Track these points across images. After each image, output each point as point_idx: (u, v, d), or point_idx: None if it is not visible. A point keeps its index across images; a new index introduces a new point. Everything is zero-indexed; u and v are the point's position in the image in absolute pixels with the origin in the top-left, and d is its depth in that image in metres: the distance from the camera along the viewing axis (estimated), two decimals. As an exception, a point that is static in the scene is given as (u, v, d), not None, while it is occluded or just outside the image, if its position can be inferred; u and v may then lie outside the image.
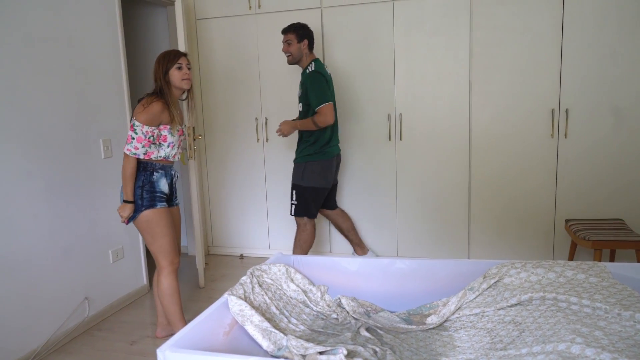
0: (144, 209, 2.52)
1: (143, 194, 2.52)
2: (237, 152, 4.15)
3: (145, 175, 2.53)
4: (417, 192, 3.79)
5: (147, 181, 2.53)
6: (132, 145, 2.45)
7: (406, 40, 3.63)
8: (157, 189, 2.56)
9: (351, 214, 3.96)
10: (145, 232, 2.57)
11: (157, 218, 2.55)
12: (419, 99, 3.67)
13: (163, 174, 2.59)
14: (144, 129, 2.44)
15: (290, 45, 3.24)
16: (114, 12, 3.24)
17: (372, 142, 3.81)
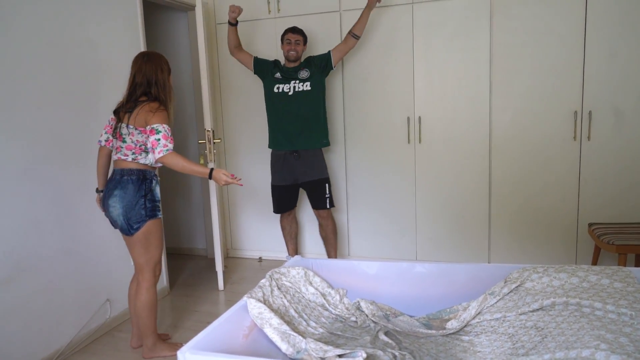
0: (148, 219, 2.44)
1: (146, 204, 2.43)
2: (255, 155, 4.17)
3: (146, 184, 2.45)
4: (436, 195, 3.76)
5: (149, 190, 2.46)
6: (162, 144, 2.33)
7: (426, 43, 3.62)
8: (157, 198, 2.49)
9: (369, 217, 3.95)
10: (140, 243, 2.46)
11: (156, 228, 2.49)
12: (439, 102, 3.65)
13: (157, 181, 2.54)
14: (165, 126, 2.37)
15: (299, 44, 3.46)
16: (135, 17, 3.29)
17: (391, 145, 3.79)
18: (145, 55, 2.51)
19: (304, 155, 3.50)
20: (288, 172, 3.55)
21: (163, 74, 2.48)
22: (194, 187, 4.49)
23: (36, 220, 2.59)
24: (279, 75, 3.48)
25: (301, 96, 3.44)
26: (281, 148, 3.53)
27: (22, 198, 2.52)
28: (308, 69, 3.46)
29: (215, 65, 4.18)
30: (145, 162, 2.45)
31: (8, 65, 2.44)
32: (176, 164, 2.37)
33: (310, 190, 3.58)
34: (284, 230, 3.78)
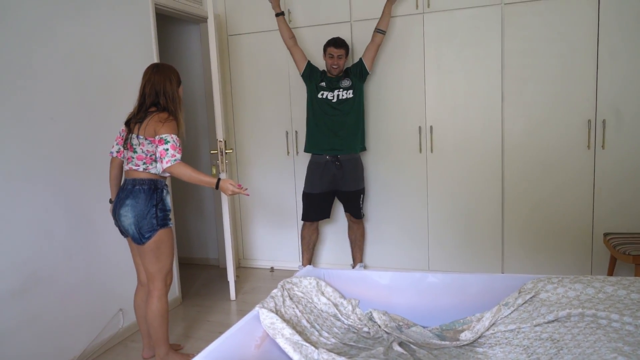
0: (159, 228, 2.45)
1: (157, 213, 2.44)
2: (267, 165, 4.19)
3: (157, 193, 2.46)
4: (448, 204, 3.74)
5: (160, 199, 2.47)
6: (169, 154, 2.36)
7: (437, 52, 3.62)
8: (167, 207, 2.51)
9: (380, 227, 3.94)
10: (151, 253, 2.47)
11: (167, 238, 2.50)
12: (450, 111, 3.64)
13: (168, 191, 2.55)
14: (173, 137, 2.40)
15: (341, 59, 3.52)
16: (149, 30, 3.34)
17: (403, 154, 3.79)
18: (155, 66, 2.54)
19: (346, 164, 3.57)
20: (327, 181, 3.61)
21: (172, 85, 2.50)
22: (205, 196, 4.52)
23: (50, 231, 2.61)
24: (324, 84, 3.58)
25: (344, 103, 3.54)
26: (321, 152, 3.59)
27: (37, 209, 2.55)
28: (349, 78, 3.56)
29: (227, 76, 4.22)
30: (156, 172, 2.47)
31: (25, 77, 2.48)
32: (183, 173, 2.39)
33: (347, 199, 3.68)
34: (304, 239, 3.80)
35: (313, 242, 3.83)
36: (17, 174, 2.45)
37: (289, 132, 4.08)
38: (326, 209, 3.76)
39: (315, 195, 3.68)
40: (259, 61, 4.11)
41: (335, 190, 3.67)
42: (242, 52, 4.15)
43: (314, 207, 3.72)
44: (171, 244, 2.54)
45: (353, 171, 3.61)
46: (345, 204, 3.72)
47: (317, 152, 3.63)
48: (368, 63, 3.56)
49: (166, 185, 2.55)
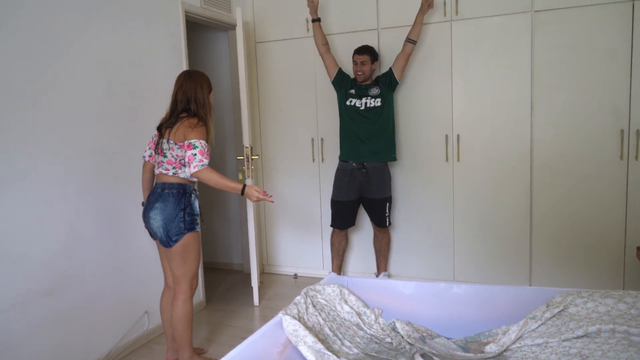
0: (186, 232, 2.47)
1: (185, 217, 2.46)
2: (292, 171, 4.20)
3: (185, 197, 2.48)
4: (475, 214, 3.69)
5: (188, 203, 2.49)
6: (197, 159, 2.38)
7: (464, 60, 3.59)
8: (195, 212, 2.53)
9: (406, 236, 3.91)
10: (178, 256, 2.49)
11: (194, 241, 2.52)
12: (478, 120, 3.60)
13: (197, 195, 2.56)
14: (202, 142, 2.42)
15: (365, 65, 3.52)
16: (179, 38, 3.39)
17: (429, 162, 3.76)
18: (187, 73, 2.58)
19: (372, 172, 3.56)
20: (353, 188, 3.61)
21: (203, 91, 2.53)
22: (231, 202, 4.55)
23: (80, 233, 2.67)
24: (353, 91, 3.60)
25: (372, 111, 3.54)
26: (348, 159, 3.60)
27: (68, 211, 2.60)
28: (378, 86, 3.56)
29: (254, 83, 4.25)
30: (185, 176, 2.50)
31: (59, 82, 2.54)
32: (210, 178, 2.41)
33: (372, 207, 3.66)
34: (333, 245, 3.80)
35: (342, 249, 3.82)
36: (50, 176, 2.50)
37: (314, 139, 4.09)
38: (353, 216, 3.76)
39: (342, 203, 3.67)
40: (286, 68, 4.13)
41: (362, 197, 3.65)
42: (269, 59, 4.19)
43: (342, 215, 3.71)
44: (198, 248, 2.56)
45: (379, 179, 3.59)
46: (370, 212, 3.70)
47: (344, 159, 3.64)
48: (398, 73, 3.55)
49: (195, 190, 2.57)
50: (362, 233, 4.04)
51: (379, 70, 3.77)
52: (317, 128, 4.07)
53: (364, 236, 4.03)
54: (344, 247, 3.84)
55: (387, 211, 3.65)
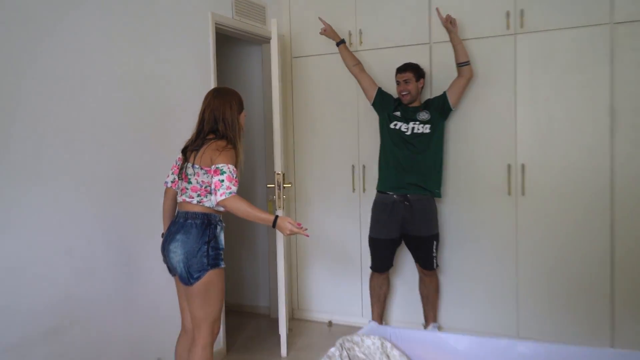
0: (209, 268, 2.42)
1: (209, 251, 2.42)
2: (329, 202, 4.15)
3: (210, 229, 2.45)
4: (543, 258, 3.53)
5: (213, 236, 2.45)
6: (225, 186, 2.34)
7: (531, 78, 3.50)
8: (220, 245, 2.49)
9: (458, 281, 3.78)
10: (199, 295, 2.43)
11: (218, 279, 2.46)
12: (546, 147, 3.49)
13: (222, 227, 2.53)
14: (230, 167, 2.39)
15: (409, 83, 3.50)
16: (207, 52, 3.42)
17: (488, 196, 3.66)
18: (216, 90, 2.59)
19: (417, 205, 3.49)
20: (395, 224, 3.54)
21: (232, 111, 2.52)
22: (259, 236, 4.50)
23: (89, 267, 2.64)
24: (398, 113, 3.59)
25: (419, 138, 3.50)
26: (389, 190, 3.55)
27: (78, 241, 2.58)
28: (428, 111, 3.53)
29: (288, 101, 4.24)
30: (210, 205, 2.47)
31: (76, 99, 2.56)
32: (238, 208, 2.37)
33: (416, 246, 3.59)
34: (373, 290, 3.71)
35: (384, 294, 3.72)
36: (60, 201, 2.49)
37: (355, 166, 4.03)
38: (393, 256, 3.68)
39: (382, 241, 3.59)
40: (325, 86, 4.13)
41: (405, 235, 3.56)
42: (306, 76, 4.18)
43: (382, 255, 3.63)
44: (221, 287, 2.51)
45: (425, 213, 3.51)
46: (415, 252, 3.60)
47: (384, 190, 3.57)
48: (453, 98, 3.49)
49: (221, 221, 2.53)
50: (405, 276, 3.93)
51: (429, 92, 3.72)
52: (359, 154, 4.02)
53: (408, 280, 3.91)
54: (385, 292, 3.73)
55: (434, 251, 3.54)
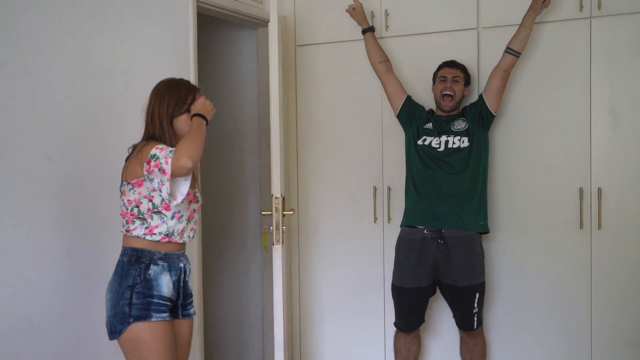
0: (132, 321, 2.40)
1: (132, 298, 2.41)
2: (344, 236, 4.16)
3: (138, 269, 2.45)
4: (625, 307, 3.56)
5: (141, 279, 2.44)
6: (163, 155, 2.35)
7: (612, 76, 3.54)
8: (155, 292, 2.46)
9: (512, 342, 3.80)
10: (128, 355, 2.45)
11: (149, 337, 2.43)
12: (631, 167, 3.52)
13: (166, 267, 2.50)
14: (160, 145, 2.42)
15: (458, 83, 3.56)
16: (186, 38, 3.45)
17: (553, 229, 3.67)
18: (159, 83, 2.63)
19: (454, 244, 3.47)
20: (425, 268, 3.52)
21: (162, 106, 2.54)
22: (250, 281, 4.52)
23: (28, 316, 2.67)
24: (430, 125, 3.62)
25: (456, 155, 3.51)
26: (418, 223, 3.55)
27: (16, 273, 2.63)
28: (465, 119, 3.56)
29: (292, 102, 4.27)
30: (139, 234, 2.47)
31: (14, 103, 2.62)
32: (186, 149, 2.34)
33: (453, 298, 3.58)
34: (399, 354, 3.69)
35: (413, 357, 3.70)
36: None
37: (378, 189, 4.05)
38: (424, 310, 3.67)
39: (408, 291, 3.58)
40: (339, 83, 4.16)
41: (439, 282, 3.57)
42: (315, 70, 4.22)
43: (409, 309, 3.62)
44: (159, 347, 2.45)
45: (465, 255, 3.49)
46: (452, 305, 3.61)
47: (411, 224, 3.59)
48: (491, 100, 3.51)
49: (162, 260, 2.50)
50: (442, 335, 3.92)
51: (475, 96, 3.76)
52: (383, 173, 4.05)
53: (445, 340, 3.91)
54: (416, 353, 3.71)
55: (475, 306, 3.52)
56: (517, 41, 3.45)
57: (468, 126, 3.52)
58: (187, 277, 2.62)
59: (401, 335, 3.69)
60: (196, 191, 2.66)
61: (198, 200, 2.67)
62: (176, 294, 2.55)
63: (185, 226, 2.55)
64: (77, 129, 2.88)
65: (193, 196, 2.60)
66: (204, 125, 2.49)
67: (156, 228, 2.46)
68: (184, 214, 2.54)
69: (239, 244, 4.55)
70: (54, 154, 2.77)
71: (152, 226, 2.46)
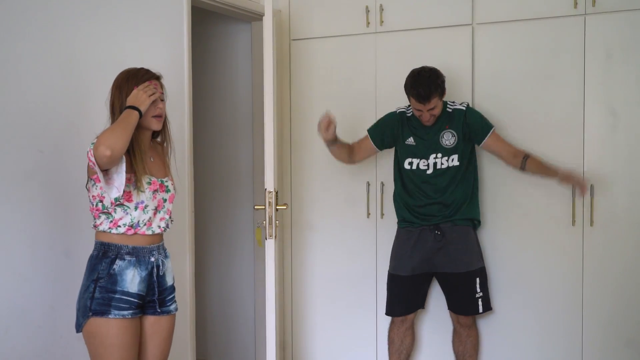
0: (91, 315, 2.40)
1: (95, 292, 2.41)
2: (337, 230, 4.17)
3: (104, 263, 2.44)
4: (616, 308, 3.55)
5: (106, 273, 2.43)
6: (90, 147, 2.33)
7: (604, 73, 3.53)
8: (118, 287, 2.43)
9: (509, 335, 3.79)
10: (88, 349, 2.46)
11: (104, 333, 2.41)
12: (627, 164, 3.52)
13: (133, 262, 2.47)
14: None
15: (435, 108, 3.43)
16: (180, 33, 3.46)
17: (545, 224, 3.67)
18: None
19: (449, 233, 3.53)
20: (421, 256, 3.56)
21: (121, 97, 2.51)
22: (241, 273, 4.52)
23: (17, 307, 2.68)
24: (411, 140, 3.57)
25: (446, 176, 3.52)
26: (412, 225, 3.61)
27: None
28: (452, 129, 3.51)
29: (285, 98, 4.27)
30: (105, 229, 2.46)
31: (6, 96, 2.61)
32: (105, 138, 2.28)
33: (451, 286, 3.60)
34: (392, 344, 3.71)
35: (407, 349, 3.71)
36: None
37: (371, 184, 4.05)
38: (419, 296, 3.69)
39: (403, 279, 3.61)
40: (333, 77, 4.15)
41: (435, 273, 3.61)
42: (309, 64, 4.22)
43: (402, 295, 3.65)
44: (118, 345, 2.43)
45: (462, 242, 3.55)
46: (449, 295, 3.63)
47: (406, 222, 3.63)
48: (486, 144, 3.56)
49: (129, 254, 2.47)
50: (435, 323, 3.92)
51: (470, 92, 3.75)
52: (376, 168, 4.05)
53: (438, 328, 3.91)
54: (409, 345, 3.73)
55: (478, 290, 3.55)
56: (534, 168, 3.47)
57: (457, 140, 3.51)
58: (161, 272, 2.57)
59: (395, 325, 3.71)
60: (165, 180, 2.60)
61: (168, 190, 2.60)
62: (147, 289, 2.51)
63: (151, 217, 2.52)
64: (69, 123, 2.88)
65: (160, 185, 2.55)
66: (132, 115, 2.39)
67: (120, 220, 2.44)
68: (149, 204, 2.50)
69: (232, 238, 4.56)
70: (46, 147, 2.77)
71: (117, 219, 2.44)
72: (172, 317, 2.64)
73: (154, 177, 2.52)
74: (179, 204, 3.46)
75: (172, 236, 3.21)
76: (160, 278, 2.57)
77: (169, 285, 2.62)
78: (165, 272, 2.59)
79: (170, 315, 2.63)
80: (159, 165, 2.61)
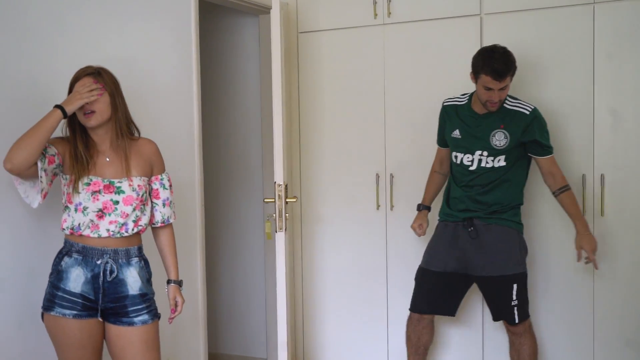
0: (42, 309, 2.45)
1: (47, 287, 2.46)
2: (346, 223, 4.17)
3: (57, 259, 2.47)
4: (629, 291, 3.52)
5: (54, 269, 2.45)
6: None
7: (614, 62, 3.52)
8: (62, 285, 2.40)
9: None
10: None
11: (50, 328, 2.44)
12: (634, 154, 3.51)
13: (79, 260, 2.41)
14: None
15: (505, 90, 3.24)
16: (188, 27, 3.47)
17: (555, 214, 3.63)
18: None
19: (486, 234, 3.38)
20: (455, 254, 3.41)
21: None
22: (253, 267, 4.54)
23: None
24: (457, 133, 3.41)
25: (490, 175, 3.37)
26: (452, 213, 3.48)
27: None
28: (507, 130, 3.30)
29: (294, 91, 4.27)
30: (65, 225, 2.47)
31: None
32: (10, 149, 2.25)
33: (487, 291, 3.46)
34: (409, 340, 3.57)
35: (423, 346, 3.58)
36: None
37: (380, 176, 4.05)
38: (450, 300, 3.51)
39: (433, 275, 3.46)
40: (341, 70, 4.15)
41: (469, 274, 3.43)
42: (318, 57, 4.21)
43: (429, 292, 3.49)
44: (59, 342, 2.44)
45: (499, 243, 3.38)
46: (489, 300, 3.49)
47: (445, 218, 3.51)
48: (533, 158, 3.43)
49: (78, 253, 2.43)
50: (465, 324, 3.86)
51: None
52: (385, 159, 4.04)
53: (468, 329, 3.87)
54: (427, 342, 3.58)
55: (514, 298, 3.32)
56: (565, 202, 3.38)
57: (509, 143, 3.29)
58: (110, 278, 2.42)
59: (413, 320, 3.56)
60: (117, 181, 2.46)
61: (121, 192, 2.44)
62: (93, 293, 2.42)
63: (94, 219, 2.41)
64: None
65: (106, 186, 2.43)
66: (51, 116, 2.31)
67: (64, 222, 2.45)
68: (88, 206, 2.40)
69: (242, 231, 4.57)
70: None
71: (62, 220, 2.46)
72: (140, 329, 2.46)
73: (98, 178, 2.41)
74: (189, 198, 3.48)
75: (182, 230, 3.23)
76: (110, 284, 2.43)
77: (131, 295, 2.45)
78: (124, 279, 2.45)
79: (135, 327, 2.45)
80: (115, 165, 2.48)
